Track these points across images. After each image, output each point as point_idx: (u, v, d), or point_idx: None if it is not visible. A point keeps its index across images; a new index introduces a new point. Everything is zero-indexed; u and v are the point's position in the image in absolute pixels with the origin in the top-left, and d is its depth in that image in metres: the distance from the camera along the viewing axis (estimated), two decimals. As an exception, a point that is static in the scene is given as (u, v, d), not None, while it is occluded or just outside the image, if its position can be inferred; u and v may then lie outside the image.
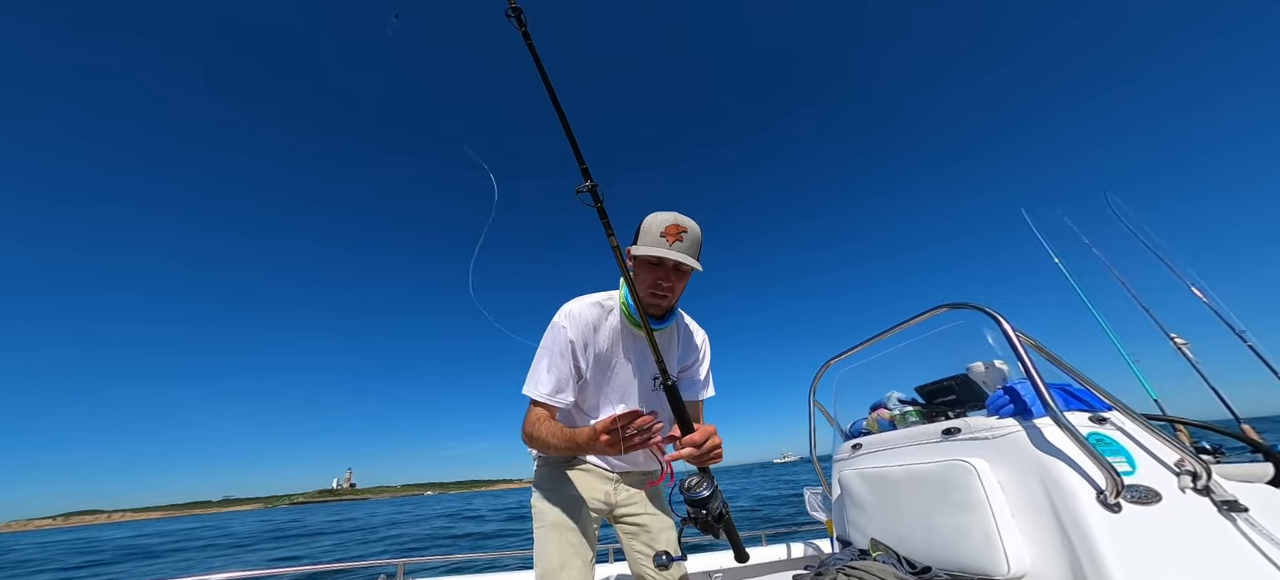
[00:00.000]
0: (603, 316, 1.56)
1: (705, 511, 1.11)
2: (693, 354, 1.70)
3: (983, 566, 1.33)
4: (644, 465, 1.71)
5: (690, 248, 1.41)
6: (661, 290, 1.44)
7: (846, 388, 2.45)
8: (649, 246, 1.40)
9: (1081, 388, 1.48)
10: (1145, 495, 1.20)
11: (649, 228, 1.42)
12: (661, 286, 1.43)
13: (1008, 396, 1.55)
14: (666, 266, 1.42)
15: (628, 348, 1.59)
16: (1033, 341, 1.42)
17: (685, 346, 1.69)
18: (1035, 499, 1.31)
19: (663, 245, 1.38)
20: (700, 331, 1.76)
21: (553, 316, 1.55)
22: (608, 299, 1.60)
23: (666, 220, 1.40)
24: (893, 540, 1.68)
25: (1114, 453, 1.30)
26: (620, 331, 1.58)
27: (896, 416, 2.03)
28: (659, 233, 1.39)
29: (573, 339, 1.48)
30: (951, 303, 1.65)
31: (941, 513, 1.49)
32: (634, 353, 1.60)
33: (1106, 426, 1.38)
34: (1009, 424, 1.45)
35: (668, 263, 1.41)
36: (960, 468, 1.45)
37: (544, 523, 1.52)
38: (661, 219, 1.41)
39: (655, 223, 1.41)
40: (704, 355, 1.74)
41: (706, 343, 1.76)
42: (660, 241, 1.38)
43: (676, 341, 1.68)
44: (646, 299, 1.47)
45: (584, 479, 1.62)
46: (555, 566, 1.43)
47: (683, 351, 1.69)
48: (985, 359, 1.85)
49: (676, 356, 1.67)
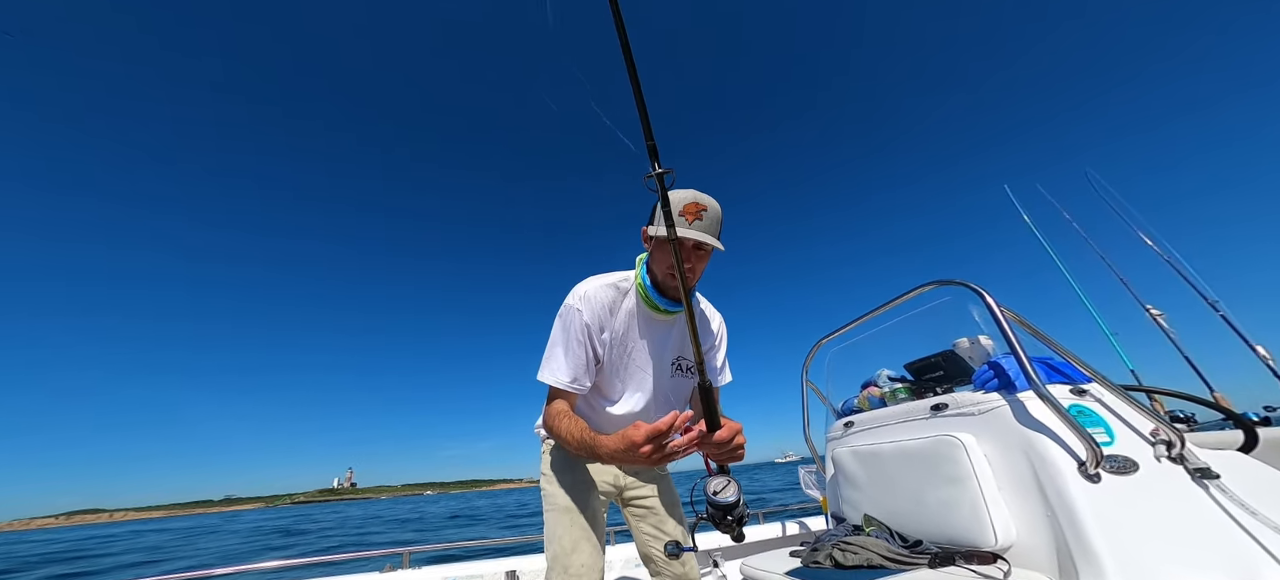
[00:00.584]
0: (618, 298, 1.50)
1: (730, 517, 1.11)
2: (710, 339, 1.65)
3: (971, 538, 1.38)
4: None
5: (710, 226, 1.36)
6: (682, 271, 1.40)
7: (838, 367, 2.49)
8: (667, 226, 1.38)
9: (1063, 360, 1.52)
10: (1123, 465, 1.24)
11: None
12: (682, 268, 1.40)
13: (992, 371, 1.59)
14: (686, 246, 1.37)
15: (644, 331, 1.53)
16: (1016, 316, 1.45)
17: (703, 330, 1.63)
18: (1019, 471, 1.35)
19: (682, 224, 1.33)
20: (717, 315, 1.70)
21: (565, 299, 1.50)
22: (623, 280, 1.54)
23: (686, 198, 1.35)
24: (885, 515, 1.73)
25: (1093, 424, 1.34)
26: (636, 314, 1.52)
27: (887, 394, 2.07)
28: (678, 211, 1.34)
29: (588, 322, 1.43)
30: (937, 280, 1.68)
31: (931, 487, 1.54)
32: (651, 336, 1.54)
33: (1086, 398, 1.43)
34: (994, 398, 1.49)
35: (688, 242, 1.36)
36: (948, 443, 1.49)
37: (554, 506, 1.52)
38: (680, 196, 1.36)
39: (674, 201, 1.35)
40: (721, 341, 1.68)
41: (723, 327, 1.71)
42: (679, 220, 1.34)
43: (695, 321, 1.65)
44: (666, 280, 1.43)
45: (593, 463, 1.61)
46: (567, 549, 1.43)
47: (701, 335, 1.62)
48: (971, 334, 1.89)
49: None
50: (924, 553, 1.42)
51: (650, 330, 1.54)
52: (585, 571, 1.41)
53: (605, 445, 1.25)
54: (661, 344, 1.55)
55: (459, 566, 2.68)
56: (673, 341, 1.58)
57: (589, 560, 1.43)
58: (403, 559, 2.69)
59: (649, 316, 1.53)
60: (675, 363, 1.58)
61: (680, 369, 1.58)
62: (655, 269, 1.45)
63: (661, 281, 1.44)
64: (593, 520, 1.52)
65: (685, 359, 1.59)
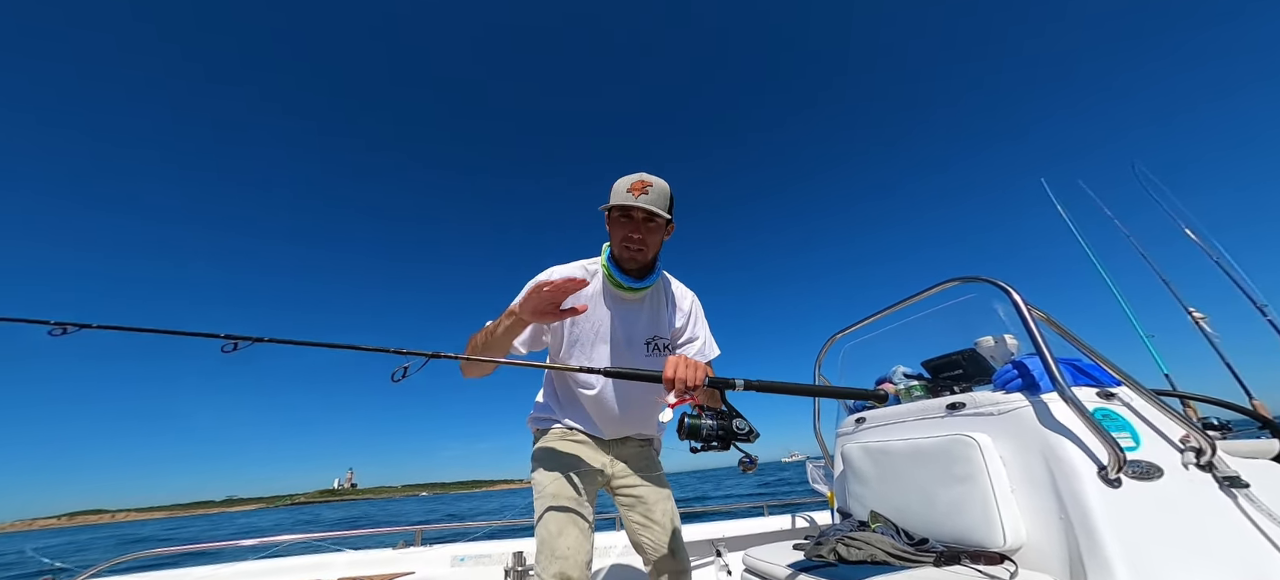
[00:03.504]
0: (585, 278, 1.54)
1: (708, 439, 1.14)
2: (685, 316, 1.72)
3: (979, 538, 1.35)
4: (638, 429, 1.73)
5: (656, 199, 1.47)
6: (633, 243, 1.50)
7: (852, 362, 2.44)
8: (615, 200, 1.48)
9: (1091, 362, 1.46)
10: (1147, 471, 1.20)
11: (616, 187, 1.51)
12: (633, 239, 1.49)
13: (1016, 371, 1.53)
14: (635, 218, 1.48)
15: (612, 309, 1.61)
16: (1045, 316, 1.40)
17: (673, 308, 1.71)
18: (1036, 473, 1.31)
19: (629, 198, 1.46)
20: (688, 293, 1.77)
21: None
22: (590, 262, 1.64)
23: (632, 178, 1.49)
24: (892, 512, 1.70)
25: (1119, 428, 1.29)
26: (603, 293, 1.61)
27: (901, 391, 2.03)
28: (625, 188, 1.48)
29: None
30: (962, 276, 1.62)
31: (942, 486, 1.50)
32: (619, 315, 1.62)
33: (1114, 402, 1.37)
34: (1015, 399, 1.44)
35: (636, 214, 1.48)
36: (962, 442, 1.45)
37: (542, 492, 1.56)
38: (628, 178, 1.50)
39: (622, 182, 1.50)
40: (696, 316, 1.75)
41: (696, 303, 1.77)
42: (626, 195, 1.47)
43: (665, 302, 1.70)
44: (621, 253, 1.53)
45: (580, 449, 1.65)
46: (553, 533, 1.46)
47: (671, 313, 1.70)
48: (995, 333, 1.83)
49: (667, 319, 1.69)
50: (929, 551, 1.40)
51: (618, 308, 1.62)
52: (571, 553, 1.43)
53: (502, 320, 1.42)
54: (631, 322, 1.63)
55: (469, 545, 2.76)
56: (644, 321, 1.66)
57: (575, 543, 1.46)
58: (415, 537, 2.79)
59: (615, 295, 1.61)
60: (649, 342, 1.65)
61: (656, 348, 1.65)
62: (613, 246, 1.56)
63: (618, 257, 1.55)
64: (580, 505, 1.54)
65: (660, 338, 1.66)
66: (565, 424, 1.67)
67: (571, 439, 1.66)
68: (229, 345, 1.33)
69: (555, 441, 1.65)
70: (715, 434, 1.15)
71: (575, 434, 1.67)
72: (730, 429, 1.16)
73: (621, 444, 1.71)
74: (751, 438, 1.17)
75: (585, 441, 1.67)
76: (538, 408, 1.76)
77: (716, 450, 1.17)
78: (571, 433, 1.67)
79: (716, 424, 1.16)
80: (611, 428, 1.67)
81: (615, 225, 1.52)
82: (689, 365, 1.20)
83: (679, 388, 1.17)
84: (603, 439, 1.69)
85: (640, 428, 1.74)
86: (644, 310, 1.66)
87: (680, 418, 1.18)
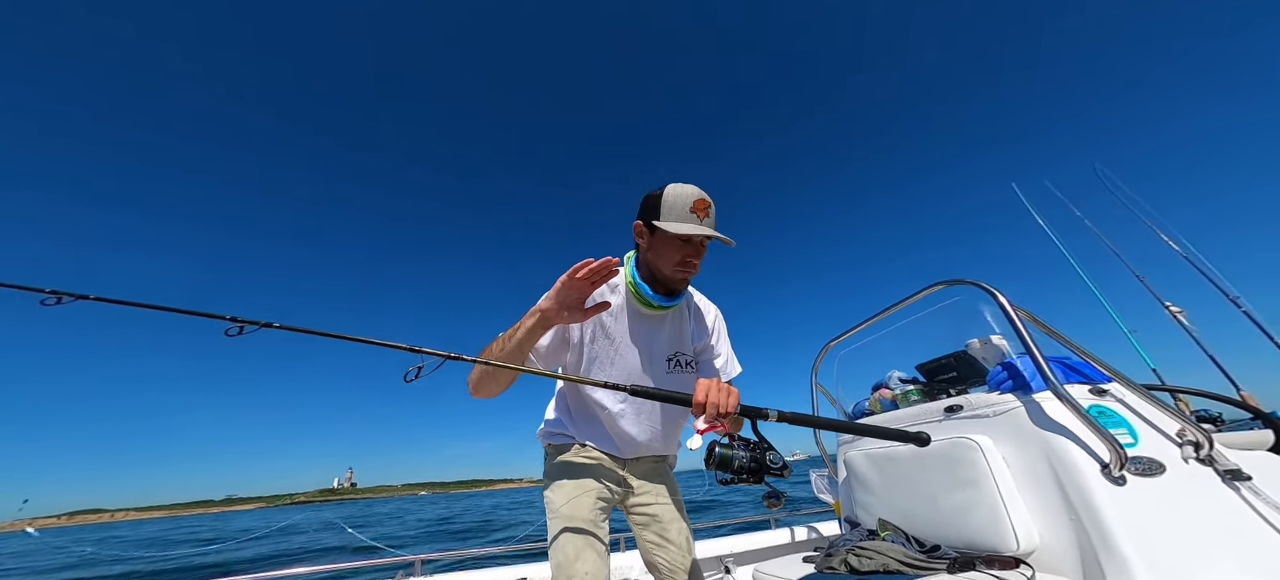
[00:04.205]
0: (607, 293, 1.50)
1: (739, 471, 1.06)
2: (707, 333, 1.63)
3: (991, 543, 1.34)
4: (656, 450, 1.67)
5: (716, 222, 1.37)
6: (689, 266, 1.39)
7: (848, 369, 2.46)
8: (679, 222, 1.32)
9: (1080, 360, 1.48)
10: (1149, 467, 1.20)
11: (675, 202, 1.33)
12: (691, 263, 1.39)
13: (1007, 372, 1.56)
14: (695, 242, 1.35)
15: (635, 327, 1.52)
16: (1030, 315, 1.43)
17: (697, 324, 1.63)
18: (1039, 474, 1.31)
19: (693, 221, 1.32)
20: (712, 307, 1.69)
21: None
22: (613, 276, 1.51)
23: (693, 194, 1.33)
24: (900, 519, 1.70)
25: (1116, 425, 1.30)
26: (626, 309, 1.51)
27: (898, 396, 2.04)
28: (687, 207, 1.32)
29: None
30: (947, 280, 1.65)
31: (947, 491, 1.51)
32: (642, 333, 1.53)
33: (1107, 398, 1.39)
34: (1009, 400, 1.46)
35: (696, 239, 1.34)
36: (964, 445, 1.46)
37: (556, 514, 1.50)
38: (687, 192, 1.33)
39: (681, 196, 1.33)
40: (719, 332, 1.67)
41: (720, 318, 1.69)
42: (691, 217, 1.32)
43: (688, 318, 1.62)
44: (673, 274, 1.41)
45: (595, 467, 1.59)
46: (570, 557, 1.41)
47: (696, 329, 1.62)
48: (983, 335, 1.86)
49: (690, 334, 1.61)
50: (942, 557, 1.39)
51: (640, 325, 1.53)
52: (589, 577, 1.38)
53: (525, 321, 1.27)
54: (652, 339, 1.55)
55: (471, 574, 2.67)
56: (665, 337, 1.57)
57: (593, 568, 1.41)
58: (415, 567, 2.69)
59: (638, 312, 1.52)
60: (671, 358, 1.57)
61: (678, 365, 1.57)
62: (659, 264, 1.43)
63: (668, 276, 1.43)
64: (597, 527, 1.49)
65: (682, 355, 1.58)
66: (580, 441, 1.60)
67: (586, 456, 1.60)
68: (234, 328, 1.28)
69: (570, 459, 1.58)
70: (747, 467, 1.06)
71: (590, 451, 1.60)
72: (763, 462, 1.07)
73: (636, 461, 1.66)
74: (785, 473, 1.08)
75: (600, 460, 1.60)
76: (550, 423, 1.68)
77: (747, 483, 1.08)
78: (586, 450, 1.60)
79: (748, 456, 1.07)
80: (629, 447, 1.60)
81: (669, 245, 1.36)
82: (721, 389, 1.10)
83: (710, 412, 1.08)
84: (619, 456, 1.62)
85: (659, 448, 1.67)
86: (666, 325, 1.57)
87: (709, 446, 1.10)
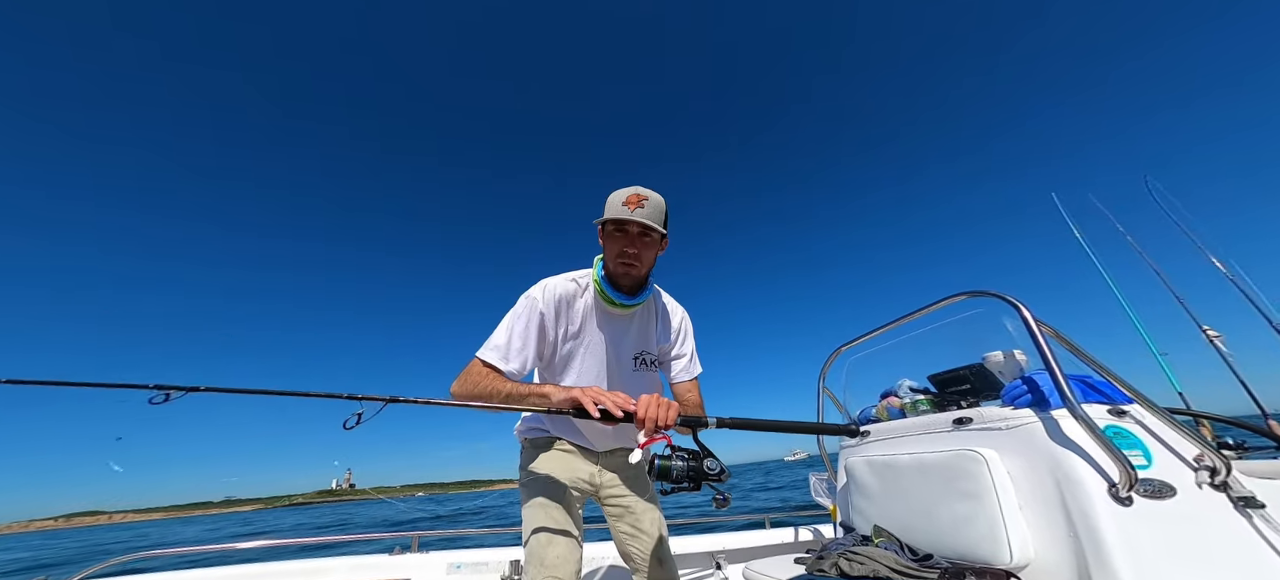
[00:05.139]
0: (577, 292, 1.57)
1: (678, 480, 1.14)
2: (672, 334, 1.70)
3: (985, 555, 1.32)
4: (626, 443, 1.70)
5: (652, 213, 1.44)
6: (628, 257, 1.47)
7: (857, 375, 2.42)
8: (611, 213, 1.45)
9: (1102, 379, 1.43)
10: (1159, 489, 1.17)
11: (611, 200, 1.48)
12: (627, 254, 1.47)
13: (1025, 387, 1.51)
14: (630, 232, 1.46)
15: (602, 325, 1.59)
16: (1054, 332, 1.37)
17: (664, 325, 1.69)
18: (1045, 490, 1.28)
19: (624, 212, 1.43)
20: (679, 309, 1.74)
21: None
22: (582, 276, 1.61)
23: (627, 191, 1.46)
24: (896, 527, 1.67)
25: (1131, 446, 1.26)
26: (594, 309, 1.58)
27: (907, 405, 2.00)
28: (620, 202, 1.45)
29: (543, 311, 1.50)
30: (970, 290, 1.60)
31: (947, 501, 1.48)
32: (609, 331, 1.60)
33: (1125, 419, 1.34)
34: (1024, 415, 1.41)
35: (631, 228, 1.45)
36: (969, 457, 1.43)
37: (530, 503, 1.55)
38: (623, 191, 1.47)
39: (617, 195, 1.47)
40: (686, 333, 1.73)
41: (686, 320, 1.75)
42: (622, 209, 1.44)
43: (655, 319, 1.68)
44: (616, 268, 1.50)
45: (568, 460, 1.64)
46: (542, 544, 1.45)
47: (661, 330, 1.68)
48: (1004, 348, 1.80)
49: (656, 335, 1.67)
50: (934, 567, 1.37)
51: (608, 324, 1.60)
52: (560, 563, 1.42)
53: (544, 392, 1.34)
54: (619, 338, 1.61)
55: (465, 552, 2.75)
56: (632, 336, 1.64)
57: (564, 552, 1.45)
58: (412, 543, 2.78)
59: (606, 311, 1.59)
60: (637, 357, 1.64)
61: (643, 363, 1.64)
62: (607, 261, 1.52)
63: (613, 272, 1.52)
64: (569, 514, 1.53)
65: (648, 353, 1.66)
66: (553, 435, 1.67)
67: (560, 450, 1.66)
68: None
69: (544, 452, 1.65)
70: (686, 474, 1.15)
71: (563, 445, 1.66)
72: (701, 469, 1.15)
73: (610, 454, 1.71)
74: (723, 478, 1.16)
75: (573, 452, 1.66)
76: (527, 419, 1.74)
77: (687, 490, 1.16)
78: (560, 444, 1.66)
79: (686, 465, 1.15)
80: (601, 440, 1.66)
81: (610, 239, 1.49)
82: (660, 404, 1.21)
83: (648, 427, 1.18)
84: (592, 450, 1.68)
85: (629, 440, 1.70)
86: (633, 325, 1.64)
87: (651, 458, 1.19)
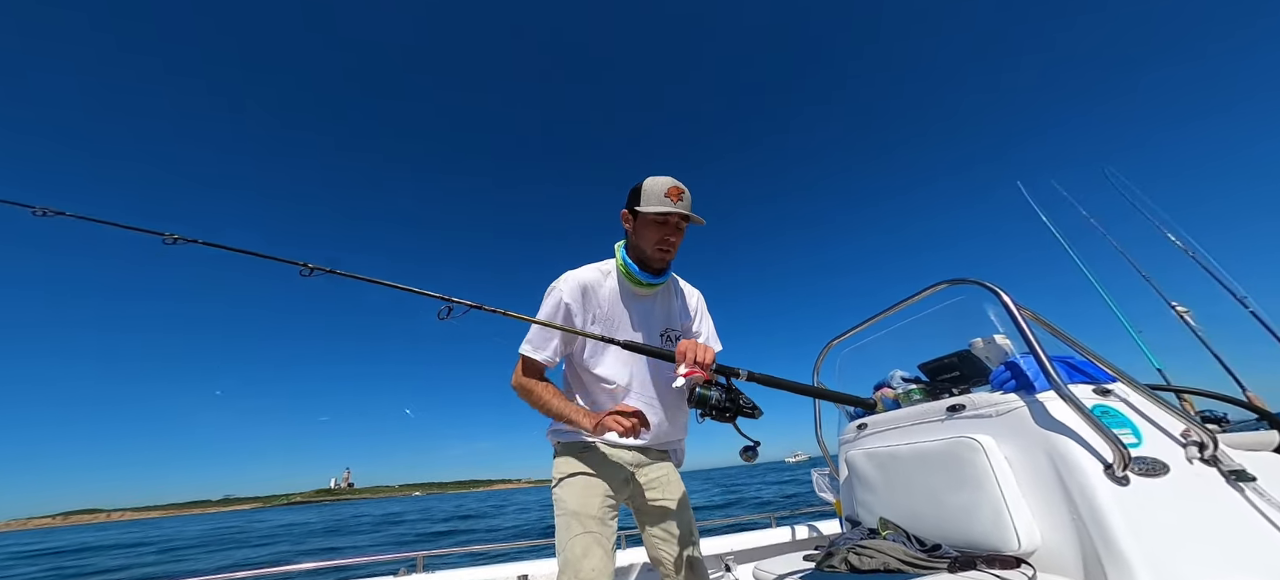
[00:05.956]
0: (601, 279, 1.66)
1: (714, 407, 1.27)
2: (692, 312, 1.86)
3: (992, 542, 1.34)
4: (664, 436, 1.76)
5: (690, 205, 1.58)
6: (667, 245, 1.61)
7: (850, 368, 2.45)
8: (655, 205, 1.55)
9: (1084, 360, 1.47)
10: (1153, 467, 1.20)
11: (652, 190, 1.57)
12: (668, 241, 1.60)
13: (1010, 372, 1.54)
14: (671, 222, 1.58)
15: (629, 307, 1.69)
16: (1033, 315, 1.41)
17: (683, 303, 1.85)
18: (1042, 474, 1.31)
19: (668, 204, 1.54)
20: (695, 291, 1.91)
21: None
22: (604, 264, 1.71)
23: (668, 183, 1.56)
24: (901, 518, 1.69)
25: (1119, 425, 1.29)
26: (619, 292, 1.68)
27: (900, 395, 2.03)
28: (662, 193, 1.55)
29: (568, 301, 1.59)
30: (951, 279, 1.64)
31: (949, 490, 1.50)
32: (636, 311, 1.70)
33: (1111, 398, 1.38)
34: (1012, 399, 1.45)
35: (672, 219, 1.56)
36: (967, 445, 1.45)
37: (564, 511, 1.54)
38: (663, 182, 1.57)
39: (657, 185, 1.57)
40: (702, 311, 1.90)
41: (702, 300, 1.91)
42: (665, 200, 1.54)
43: (675, 296, 1.82)
44: (653, 254, 1.62)
45: (603, 465, 1.64)
46: (578, 555, 1.44)
47: (682, 308, 1.83)
48: (986, 334, 1.85)
49: (677, 310, 1.81)
50: (943, 557, 1.39)
51: (635, 304, 1.70)
52: (596, 575, 1.41)
53: (570, 413, 1.55)
54: (646, 316, 1.73)
55: (472, 571, 2.68)
56: (658, 313, 1.77)
57: (600, 564, 1.43)
58: (417, 563, 2.71)
59: (632, 292, 1.70)
60: (664, 334, 1.75)
61: (670, 339, 1.75)
62: (642, 245, 1.63)
63: (649, 257, 1.62)
64: (604, 524, 1.53)
65: (673, 330, 1.78)
66: (588, 439, 1.67)
67: (595, 453, 1.66)
68: (305, 271, 1.61)
69: (578, 456, 1.65)
70: (723, 405, 1.26)
71: (598, 449, 1.67)
72: (737, 403, 1.27)
73: (645, 457, 1.73)
74: (755, 413, 1.28)
75: (608, 456, 1.67)
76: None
77: (725, 421, 1.28)
78: (595, 448, 1.67)
79: (723, 395, 1.27)
80: (640, 438, 1.65)
81: (649, 226, 1.59)
82: (698, 346, 1.32)
83: (688, 360, 1.29)
84: (626, 453, 1.69)
85: (665, 435, 1.76)
86: (657, 304, 1.76)
87: (690, 388, 1.30)
